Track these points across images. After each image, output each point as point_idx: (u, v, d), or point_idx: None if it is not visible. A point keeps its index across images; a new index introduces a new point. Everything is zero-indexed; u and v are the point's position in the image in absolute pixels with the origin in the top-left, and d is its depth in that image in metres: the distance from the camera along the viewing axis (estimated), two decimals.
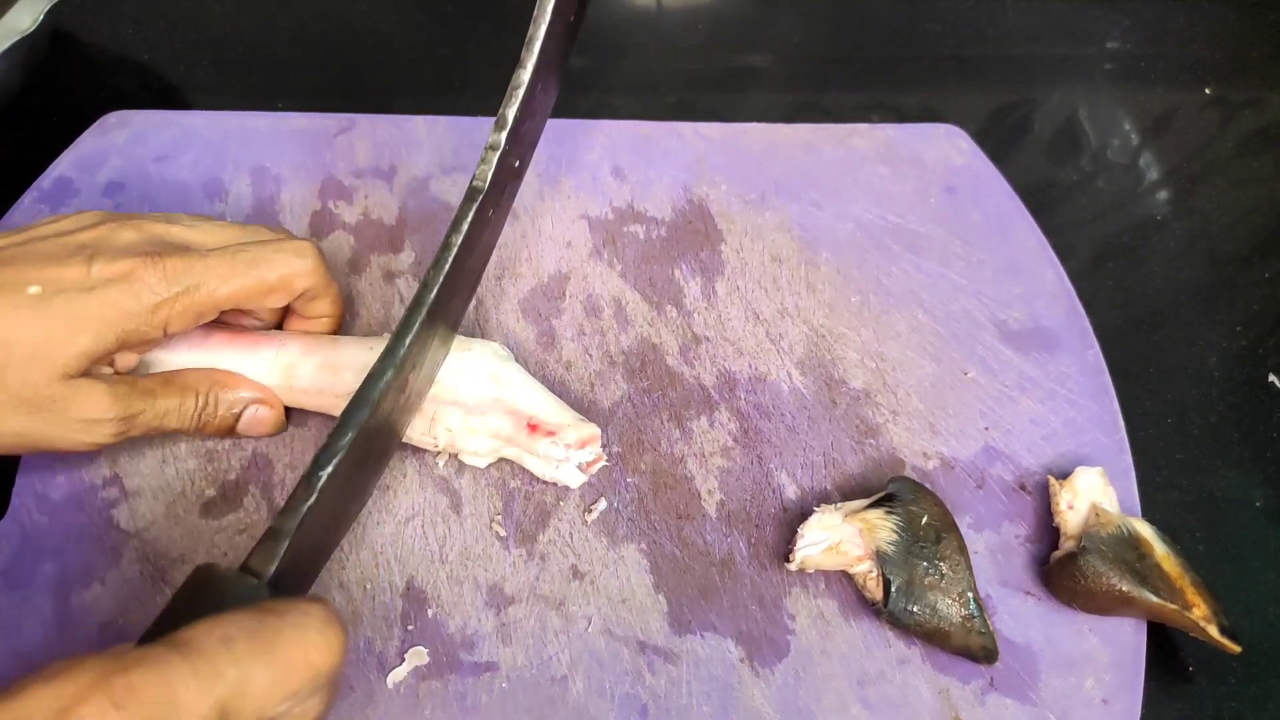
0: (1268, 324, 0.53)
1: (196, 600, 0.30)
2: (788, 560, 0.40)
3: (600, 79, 0.63)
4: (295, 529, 0.32)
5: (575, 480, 0.42)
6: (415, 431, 0.41)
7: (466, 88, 0.62)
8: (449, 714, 0.38)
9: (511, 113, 0.38)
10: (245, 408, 0.42)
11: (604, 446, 0.44)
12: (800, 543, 0.40)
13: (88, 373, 0.37)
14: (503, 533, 0.42)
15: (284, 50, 0.63)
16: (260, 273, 0.39)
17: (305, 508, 0.32)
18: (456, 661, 0.39)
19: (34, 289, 0.35)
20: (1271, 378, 0.51)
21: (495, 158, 0.38)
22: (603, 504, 0.43)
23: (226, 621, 0.27)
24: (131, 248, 0.37)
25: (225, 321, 0.42)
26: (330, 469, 0.33)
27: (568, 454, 0.41)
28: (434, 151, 0.54)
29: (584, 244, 0.51)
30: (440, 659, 0.39)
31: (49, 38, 0.57)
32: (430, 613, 0.40)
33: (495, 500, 0.43)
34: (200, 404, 0.40)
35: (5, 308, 0.35)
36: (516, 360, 0.44)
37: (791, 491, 0.44)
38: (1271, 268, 0.56)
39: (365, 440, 0.35)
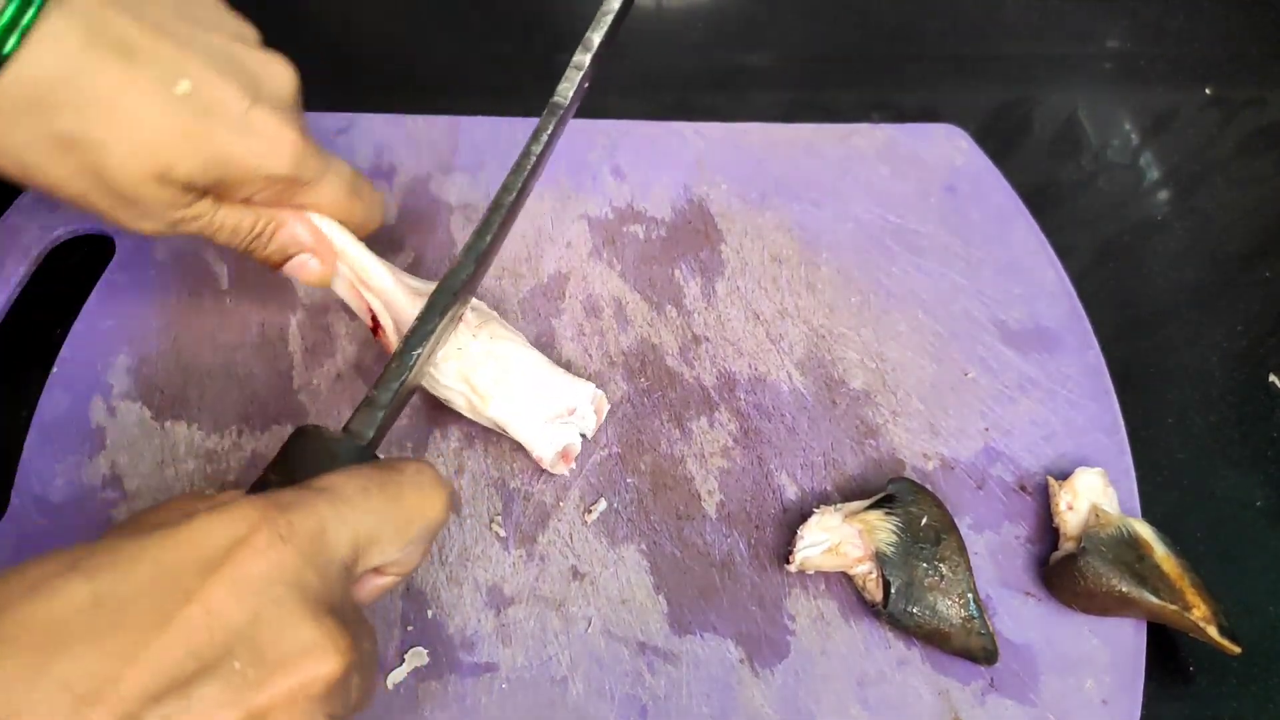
0: (1268, 324, 0.53)
1: (308, 456, 0.32)
2: (787, 561, 0.40)
3: (600, 79, 0.62)
4: (390, 400, 0.35)
5: (553, 455, 0.42)
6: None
7: (466, 88, 0.61)
8: (448, 714, 0.38)
9: (598, 37, 0.40)
10: (297, 253, 0.42)
11: (604, 446, 0.44)
12: (800, 544, 0.40)
13: None
14: (502, 533, 0.42)
15: (283, 50, 0.63)
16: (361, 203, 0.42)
17: (399, 382, 0.35)
18: (456, 662, 0.39)
19: (184, 86, 0.34)
20: (1271, 378, 0.51)
21: (578, 77, 0.40)
22: (603, 504, 0.43)
23: (360, 474, 0.30)
24: (283, 105, 0.37)
25: None
26: (420, 350, 0.36)
27: (570, 421, 0.42)
28: (434, 151, 0.53)
29: (584, 244, 0.51)
30: (440, 660, 0.39)
31: None
32: (430, 613, 0.40)
33: (495, 501, 0.43)
34: (255, 230, 0.40)
35: (147, 95, 0.34)
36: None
37: (792, 492, 0.44)
38: (1271, 268, 0.56)
39: (442, 326, 0.38)
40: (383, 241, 0.50)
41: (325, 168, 0.40)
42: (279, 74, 0.38)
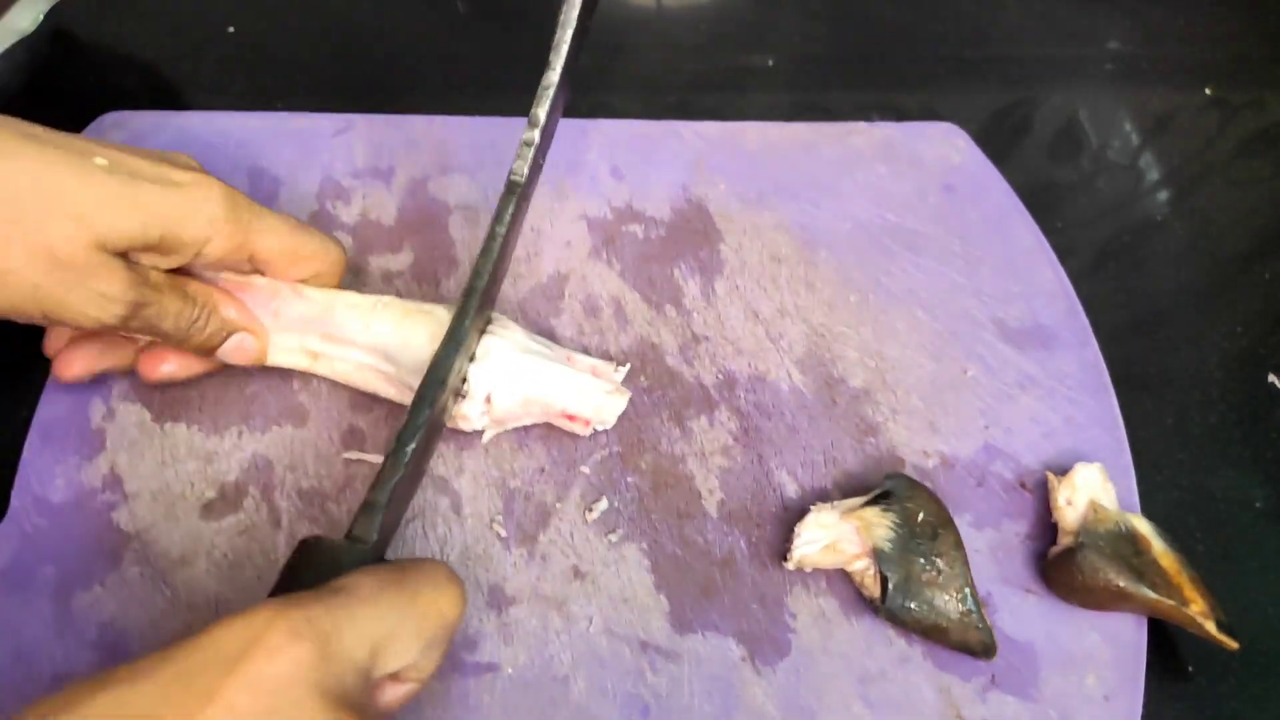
0: (1268, 324, 0.53)
1: (314, 567, 0.32)
2: (785, 559, 0.40)
3: (600, 79, 0.62)
4: (387, 501, 0.35)
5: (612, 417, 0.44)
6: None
7: (466, 88, 0.62)
8: (451, 714, 0.38)
9: (543, 112, 0.41)
10: (232, 333, 0.42)
11: (605, 445, 0.44)
12: (797, 541, 0.40)
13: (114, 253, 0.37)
14: (503, 533, 0.42)
15: (283, 50, 0.63)
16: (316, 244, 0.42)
17: (394, 481, 0.35)
18: (458, 662, 0.39)
19: (101, 161, 0.36)
20: (1271, 378, 0.51)
21: (530, 153, 0.41)
22: (603, 503, 0.43)
23: (376, 573, 0.31)
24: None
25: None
26: (413, 444, 0.36)
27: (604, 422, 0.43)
28: (433, 152, 0.54)
29: (583, 244, 0.51)
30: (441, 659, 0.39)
31: (49, 38, 0.57)
32: None
33: (495, 500, 0.43)
34: (195, 314, 0.40)
35: (68, 168, 0.35)
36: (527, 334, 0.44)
37: (792, 490, 0.44)
38: (1271, 268, 0.56)
39: (433, 416, 0.38)
40: (382, 243, 0.50)
41: (259, 211, 0.40)
42: (183, 157, 0.40)
